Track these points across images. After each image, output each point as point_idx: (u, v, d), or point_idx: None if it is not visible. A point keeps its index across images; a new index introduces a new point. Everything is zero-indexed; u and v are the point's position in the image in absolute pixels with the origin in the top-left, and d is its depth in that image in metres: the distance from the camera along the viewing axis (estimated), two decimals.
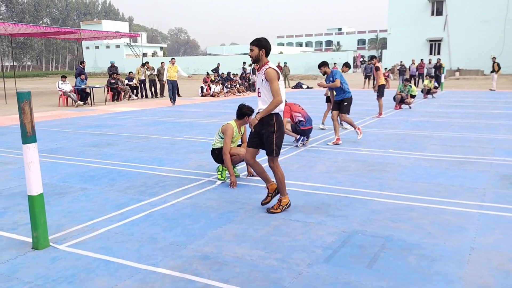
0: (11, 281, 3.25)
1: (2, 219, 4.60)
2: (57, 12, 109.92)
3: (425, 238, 3.98)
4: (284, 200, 4.71)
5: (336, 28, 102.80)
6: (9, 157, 7.73)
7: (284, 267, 3.42)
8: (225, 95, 23.27)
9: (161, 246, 3.86)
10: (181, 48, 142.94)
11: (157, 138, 9.63)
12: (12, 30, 22.97)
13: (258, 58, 4.52)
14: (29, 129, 3.68)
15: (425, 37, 43.83)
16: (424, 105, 16.64)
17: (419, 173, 6.31)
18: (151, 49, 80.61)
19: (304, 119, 8.42)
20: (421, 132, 10.06)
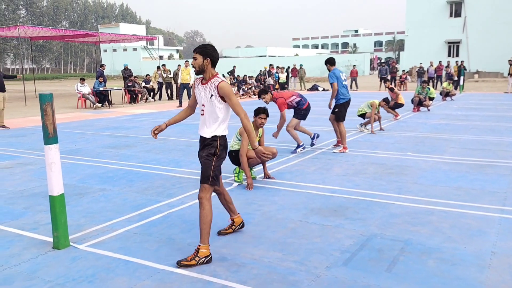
0: (33, 280, 3.30)
1: (23, 219, 4.68)
2: (75, 15, 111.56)
3: (445, 242, 3.93)
4: (203, 250, 3.55)
5: (352, 30, 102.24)
6: (29, 158, 7.87)
7: (302, 270, 3.41)
8: (240, 98, 23.32)
9: (179, 247, 3.88)
10: None
11: (173, 140, 9.69)
12: (32, 33, 23.38)
13: (202, 69, 3.72)
14: (51, 131, 3.74)
15: (443, 39, 43.31)
16: (442, 108, 16.44)
17: (438, 177, 6.23)
18: (168, 52, 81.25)
19: (301, 97, 8.17)
20: (440, 135, 9.94)
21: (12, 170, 6.95)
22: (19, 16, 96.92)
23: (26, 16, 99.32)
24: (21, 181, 6.30)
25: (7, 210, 4.98)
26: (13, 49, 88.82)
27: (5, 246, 3.96)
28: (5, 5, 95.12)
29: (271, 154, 5.73)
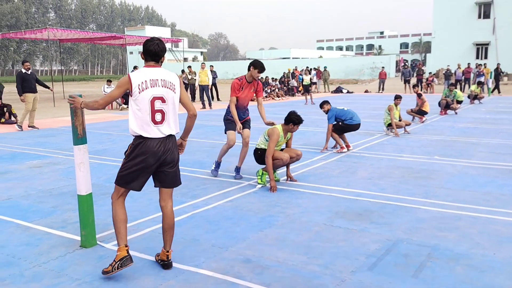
0: (61, 278, 3.37)
1: (52, 218, 4.78)
2: (102, 18, 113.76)
3: (474, 248, 3.85)
4: (118, 253, 3.33)
5: (378, 32, 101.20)
6: (58, 158, 8.04)
7: (327, 274, 3.38)
8: (264, 100, 23.34)
9: (204, 248, 3.90)
10: (220, 52, 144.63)
11: (197, 141, 9.76)
12: (60, 36, 23.94)
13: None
14: (80, 131, 3.82)
15: (471, 41, 42.48)
16: (470, 111, 16.10)
17: (466, 181, 6.11)
18: (192, 54, 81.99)
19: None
20: (468, 139, 9.74)
21: (41, 170, 7.12)
22: (48, 19, 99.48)
23: (55, 19, 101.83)
24: (50, 180, 6.44)
25: (36, 209, 5.10)
26: (43, 51, 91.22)
27: (34, 244, 4.05)
28: (35, 8, 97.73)
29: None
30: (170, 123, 3.40)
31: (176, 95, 3.42)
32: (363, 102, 21.05)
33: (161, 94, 3.33)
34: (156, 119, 3.33)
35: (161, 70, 3.39)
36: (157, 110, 3.32)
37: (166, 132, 3.38)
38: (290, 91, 27.20)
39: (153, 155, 3.33)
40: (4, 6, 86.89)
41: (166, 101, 3.36)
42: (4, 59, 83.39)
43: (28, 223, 4.61)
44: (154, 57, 3.37)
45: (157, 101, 3.32)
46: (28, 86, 11.95)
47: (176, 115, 3.47)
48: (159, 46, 3.36)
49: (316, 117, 14.31)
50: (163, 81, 3.34)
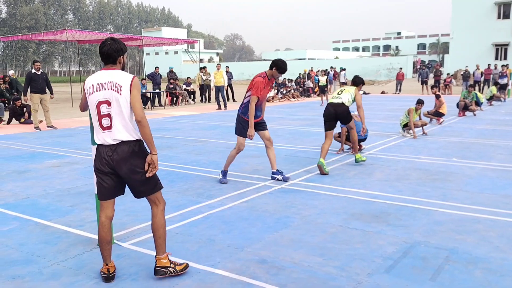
0: (79, 276, 3.41)
1: (70, 216, 4.85)
2: (119, 19, 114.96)
3: (493, 252, 3.78)
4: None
5: (394, 32, 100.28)
6: (76, 158, 8.15)
7: (343, 275, 3.36)
8: (279, 100, 23.32)
9: (219, 248, 3.91)
10: (236, 53, 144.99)
11: (213, 142, 9.80)
12: (79, 37, 24.26)
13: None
14: None
15: (490, 42, 41.81)
16: (489, 113, 15.86)
17: (485, 184, 6.01)
18: (208, 55, 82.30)
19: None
20: (487, 141, 9.59)
21: (60, 169, 7.22)
22: (66, 21, 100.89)
23: (74, 20, 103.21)
24: (68, 179, 6.53)
25: (55, 207, 5.17)
26: (61, 52, 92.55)
27: (53, 242, 4.11)
28: (54, 10, 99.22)
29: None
30: (119, 128, 3.10)
31: (122, 97, 3.06)
32: (379, 103, 20.88)
33: (107, 97, 3.09)
34: (103, 124, 3.12)
35: (113, 72, 3.15)
36: (103, 115, 3.11)
37: (115, 137, 3.11)
38: (306, 92, 27.13)
39: (105, 163, 3.15)
40: (24, 8, 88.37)
41: (111, 104, 3.09)
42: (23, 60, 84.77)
43: (47, 221, 4.68)
44: (108, 59, 3.18)
45: (103, 105, 3.10)
46: (36, 86, 11.97)
47: (128, 119, 3.12)
48: (111, 46, 3.16)
49: None
50: (109, 83, 3.09)
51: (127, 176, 3.18)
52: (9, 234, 4.33)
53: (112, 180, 3.23)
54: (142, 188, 3.24)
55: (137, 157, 3.17)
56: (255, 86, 5.89)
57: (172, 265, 3.34)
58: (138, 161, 3.17)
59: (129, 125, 3.14)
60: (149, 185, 3.25)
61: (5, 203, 5.38)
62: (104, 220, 3.30)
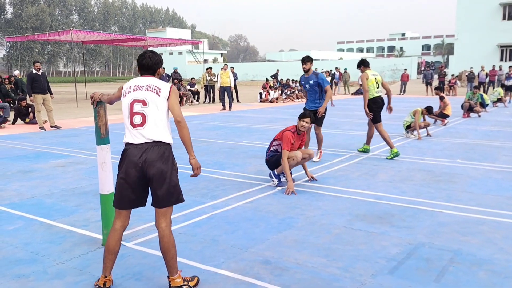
0: (83, 275, 3.43)
1: (74, 216, 4.87)
2: (124, 20, 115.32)
3: (497, 254, 3.77)
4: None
5: (399, 33, 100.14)
6: (80, 158, 8.18)
7: (347, 277, 3.36)
8: (283, 101, 23.32)
9: (223, 248, 3.92)
10: (240, 54, 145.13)
11: (217, 143, 9.81)
12: (84, 38, 24.36)
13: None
14: (103, 131, 3.88)
15: (495, 43, 41.66)
16: (494, 114, 15.80)
17: (489, 185, 5.99)
18: (212, 55, 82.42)
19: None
20: (491, 142, 9.56)
21: (65, 169, 7.25)
22: (71, 21, 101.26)
23: (78, 21, 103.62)
24: (72, 179, 6.56)
25: (59, 207, 5.20)
26: (66, 52, 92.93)
27: (57, 241, 4.13)
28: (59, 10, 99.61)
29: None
30: (152, 127, 3.04)
31: (160, 98, 3.05)
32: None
33: (143, 97, 3.06)
34: (134, 121, 3.05)
35: (152, 78, 3.16)
36: (136, 113, 3.06)
37: (147, 135, 3.02)
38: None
39: (133, 166, 3.01)
40: (29, 9, 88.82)
41: (147, 103, 3.04)
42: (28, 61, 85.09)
43: (52, 221, 4.70)
44: (147, 71, 3.18)
45: (137, 104, 3.06)
46: (38, 86, 12.02)
47: (164, 121, 3.09)
48: (151, 59, 3.17)
49: (336, 119, 14.23)
50: (148, 85, 3.09)
51: (154, 180, 3.04)
52: (14, 233, 4.36)
53: (136, 188, 3.09)
54: (165, 197, 3.10)
55: (166, 162, 3.07)
56: (284, 139, 5.89)
57: (186, 283, 3.15)
58: (167, 166, 3.07)
59: (163, 126, 3.08)
60: (172, 195, 3.13)
61: (10, 202, 5.41)
62: (118, 229, 3.18)
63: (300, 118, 6.01)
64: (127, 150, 3.09)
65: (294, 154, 5.88)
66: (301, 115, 6.04)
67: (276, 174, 6.12)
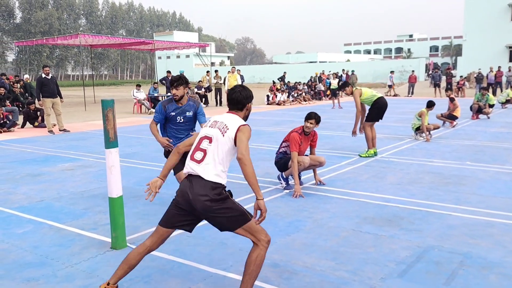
0: (92, 278, 3.44)
1: (83, 219, 4.89)
2: (132, 24, 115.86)
3: (507, 257, 3.74)
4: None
5: (407, 35, 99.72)
6: (89, 161, 8.23)
7: (356, 280, 3.35)
8: (290, 104, 23.30)
9: (231, 251, 3.91)
10: (247, 57, 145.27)
11: None
12: (92, 42, 24.50)
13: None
14: (112, 135, 3.90)
15: (504, 44, 41.32)
16: (503, 116, 15.68)
17: (499, 187, 5.94)
18: (219, 58, 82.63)
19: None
20: (501, 144, 9.48)
21: (73, 172, 7.29)
22: (79, 25, 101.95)
23: (86, 25, 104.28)
24: (81, 182, 6.59)
25: (68, 210, 5.22)
26: (74, 56, 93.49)
27: (67, 245, 4.15)
28: (67, 15, 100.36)
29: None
30: (207, 166, 2.96)
31: (224, 138, 2.97)
32: (391, 106, 20.73)
33: (211, 134, 3.02)
34: (195, 156, 3.02)
35: (231, 116, 3.10)
36: (200, 149, 3.02)
37: (199, 172, 2.95)
38: (317, 95, 27.06)
39: (182, 195, 2.99)
40: (38, 13, 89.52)
41: (212, 141, 3.00)
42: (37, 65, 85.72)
43: (61, 224, 4.73)
44: (236, 105, 3.13)
45: (205, 140, 3.04)
46: (47, 90, 12.14)
47: (221, 160, 2.99)
48: (241, 93, 3.12)
49: (343, 121, 14.20)
50: (221, 123, 3.05)
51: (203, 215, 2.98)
52: (24, 236, 4.39)
53: (186, 215, 3.03)
54: (222, 225, 3.03)
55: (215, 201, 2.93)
56: (291, 141, 5.88)
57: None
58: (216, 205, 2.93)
59: (219, 166, 2.99)
60: (230, 222, 2.99)
61: (20, 206, 5.44)
62: (147, 246, 3.05)
63: (306, 119, 6.01)
64: (184, 180, 3.05)
65: (302, 160, 5.86)
66: (307, 116, 6.04)
67: (285, 177, 6.11)
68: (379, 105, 8.22)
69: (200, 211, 2.93)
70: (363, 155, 8.18)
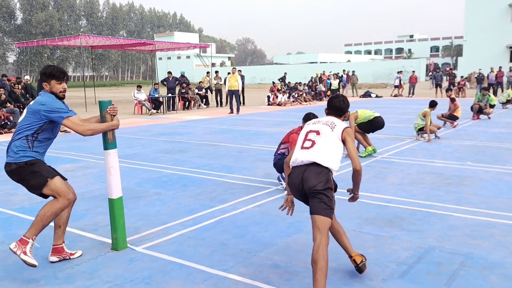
0: (93, 280, 3.44)
1: (84, 220, 4.89)
2: (132, 25, 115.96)
3: (509, 257, 3.73)
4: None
5: (407, 35, 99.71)
6: (90, 162, 8.23)
7: (357, 281, 3.34)
8: (291, 104, 23.30)
9: (232, 252, 3.91)
10: (248, 57, 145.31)
11: (225, 146, 9.81)
12: (92, 43, 24.52)
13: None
14: (110, 136, 3.91)
15: (504, 44, 41.31)
16: (504, 116, 15.67)
17: (500, 188, 5.93)
18: (220, 59, 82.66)
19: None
20: (502, 144, 9.47)
21: (74, 173, 7.29)
22: (80, 26, 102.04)
23: (87, 26, 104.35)
24: (82, 183, 6.59)
25: None
26: (75, 57, 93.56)
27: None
28: (68, 16, 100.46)
29: None
30: (317, 152, 3.23)
31: (333, 133, 3.28)
32: (392, 106, 20.76)
33: (318, 128, 3.35)
34: (304, 144, 3.33)
35: (332, 117, 3.44)
36: (308, 139, 3.33)
37: (310, 157, 3.23)
38: (318, 95, 27.06)
39: (294, 187, 3.32)
40: (39, 14, 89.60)
41: (321, 134, 3.30)
42: (38, 66, 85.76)
43: None
44: (337, 112, 3.49)
45: (311, 133, 3.35)
46: None
47: (330, 152, 3.24)
48: (345, 102, 3.49)
49: None
50: (327, 121, 3.39)
51: (309, 191, 3.20)
52: None
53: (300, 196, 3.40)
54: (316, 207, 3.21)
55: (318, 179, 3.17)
56: (291, 140, 5.95)
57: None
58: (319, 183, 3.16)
59: (328, 155, 3.23)
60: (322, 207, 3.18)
61: (21, 207, 5.45)
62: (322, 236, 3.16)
63: (305, 121, 5.98)
64: (290, 174, 3.38)
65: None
66: (306, 117, 6.00)
67: (284, 177, 6.08)
68: (375, 122, 8.46)
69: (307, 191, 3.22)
70: (363, 155, 8.18)
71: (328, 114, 3.51)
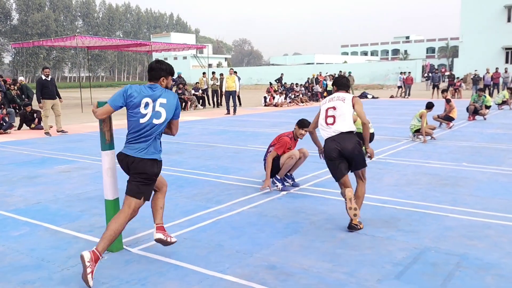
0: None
1: (79, 222, 4.87)
2: (129, 25, 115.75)
3: (504, 258, 3.74)
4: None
5: (403, 36, 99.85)
6: (86, 163, 8.20)
7: (353, 282, 3.34)
8: (288, 105, 23.32)
9: (228, 254, 3.90)
10: (244, 58, 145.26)
11: (222, 147, 9.81)
12: (89, 43, 24.46)
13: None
14: (108, 137, 3.90)
15: (500, 45, 41.50)
16: (499, 117, 15.73)
17: (496, 189, 5.95)
18: (216, 60, 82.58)
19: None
20: (498, 145, 9.50)
21: (70, 174, 7.27)
22: (76, 27, 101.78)
23: (83, 27, 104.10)
24: (78, 184, 6.57)
25: (64, 213, 5.20)
26: (71, 58, 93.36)
27: (63, 247, 4.13)
28: (64, 16, 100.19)
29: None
30: (339, 124, 4.42)
31: (345, 104, 4.46)
32: (388, 107, 20.81)
33: (333, 105, 4.51)
34: (328, 121, 4.50)
35: (340, 93, 4.61)
36: (329, 116, 4.51)
37: (336, 129, 4.42)
38: (314, 96, 27.10)
39: (333, 150, 4.41)
40: (35, 15, 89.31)
41: (337, 108, 4.47)
42: (34, 66, 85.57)
43: (57, 226, 4.71)
44: (345, 87, 4.70)
45: (330, 110, 4.52)
46: (47, 92, 12.15)
47: (347, 120, 4.43)
48: (348, 80, 4.80)
49: None
50: (337, 97, 4.56)
51: (350, 154, 4.37)
52: (20, 239, 4.37)
53: (341, 162, 4.44)
54: (359, 163, 4.45)
55: (352, 142, 4.38)
56: (281, 143, 6.05)
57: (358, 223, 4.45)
58: (353, 145, 4.38)
59: (347, 123, 4.43)
60: (362, 161, 4.47)
61: (16, 208, 5.42)
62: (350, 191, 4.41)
63: (301, 127, 6.00)
64: (327, 141, 4.50)
65: (293, 153, 5.95)
66: (301, 124, 6.01)
67: (279, 178, 6.10)
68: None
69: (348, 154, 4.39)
70: None
71: (338, 90, 4.68)
